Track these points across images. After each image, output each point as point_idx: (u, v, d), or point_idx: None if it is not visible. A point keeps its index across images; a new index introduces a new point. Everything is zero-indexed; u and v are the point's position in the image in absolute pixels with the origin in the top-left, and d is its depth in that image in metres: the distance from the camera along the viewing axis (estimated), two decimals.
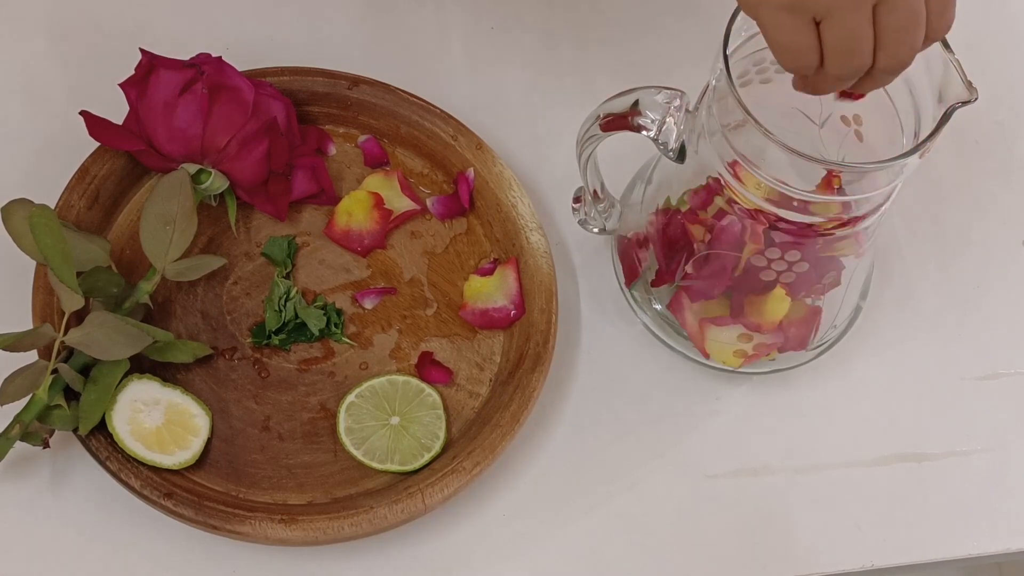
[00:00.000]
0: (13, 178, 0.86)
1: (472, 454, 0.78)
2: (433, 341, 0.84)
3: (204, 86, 0.80)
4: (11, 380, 0.75)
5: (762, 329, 0.80)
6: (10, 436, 0.75)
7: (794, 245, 0.75)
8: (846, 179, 0.74)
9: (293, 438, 0.80)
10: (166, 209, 0.79)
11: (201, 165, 0.82)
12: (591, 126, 0.77)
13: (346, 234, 0.85)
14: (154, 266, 0.79)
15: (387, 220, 0.85)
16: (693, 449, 0.84)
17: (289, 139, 0.84)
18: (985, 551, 0.83)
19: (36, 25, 0.91)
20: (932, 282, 0.90)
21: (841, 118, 0.78)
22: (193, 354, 0.80)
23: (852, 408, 0.86)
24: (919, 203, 0.92)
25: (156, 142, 0.81)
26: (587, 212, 0.86)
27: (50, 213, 0.77)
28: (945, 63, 0.70)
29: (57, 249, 0.75)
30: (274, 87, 0.85)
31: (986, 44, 0.97)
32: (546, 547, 0.80)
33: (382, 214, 0.85)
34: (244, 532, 0.75)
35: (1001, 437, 0.86)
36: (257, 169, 0.82)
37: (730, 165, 0.74)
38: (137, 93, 0.81)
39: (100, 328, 0.75)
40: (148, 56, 0.82)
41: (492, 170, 0.86)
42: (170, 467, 0.77)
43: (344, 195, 0.86)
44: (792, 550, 0.82)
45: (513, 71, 0.94)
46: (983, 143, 0.95)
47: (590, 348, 0.86)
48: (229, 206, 0.84)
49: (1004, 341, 0.89)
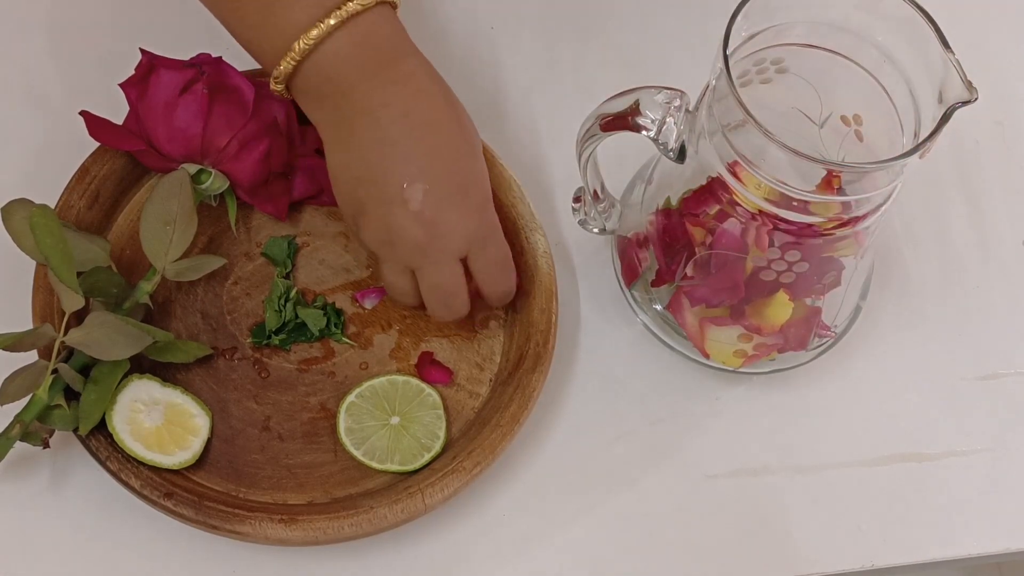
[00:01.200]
0: (13, 178, 0.86)
1: (472, 454, 0.78)
2: (433, 341, 0.84)
3: (204, 86, 0.80)
4: (11, 380, 0.75)
5: (762, 332, 0.80)
6: (10, 436, 0.75)
7: (794, 245, 0.75)
8: (846, 179, 0.74)
9: (293, 438, 0.80)
10: (166, 209, 0.79)
11: (201, 165, 0.82)
12: (591, 126, 0.77)
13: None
14: (154, 266, 0.79)
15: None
16: (693, 449, 0.84)
17: (289, 139, 0.84)
18: (985, 551, 0.83)
19: (36, 25, 0.91)
20: (932, 282, 0.90)
21: (841, 118, 0.78)
22: (193, 354, 0.80)
23: (852, 408, 0.86)
24: (919, 203, 0.92)
25: (156, 142, 0.81)
26: (587, 212, 0.86)
27: (50, 213, 0.77)
28: (945, 63, 0.70)
29: (57, 249, 0.75)
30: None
31: (986, 44, 0.97)
32: (546, 547, 0.80)
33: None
34: (244, 532, 0.75)
35: (1001, 437, 0.86)
36: (257, 169, 0.82)
37: (730, 165, 0.74)
38: (137, 93, 0.81)
39: (100, 328, 0.75)
40: (148, 56, 0.82)
41: (492, 170, 0.86)
42: (170, 467, 0.77)
43: None
44: (792, 550, 0.82)
45: (513, 71, 0.94)
46: (983, 143, 0.95)
47: (590, 348, 0.86)
48: (229, 206, 0.84)
49: (1004, 341, 0.89)
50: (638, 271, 0.84)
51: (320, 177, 0.85)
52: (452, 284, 0.78)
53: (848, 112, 0.78)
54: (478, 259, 0.79)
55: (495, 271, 0.80)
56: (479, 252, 0.78)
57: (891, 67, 0.74)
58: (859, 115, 0.78)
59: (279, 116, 0.83)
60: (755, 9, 0.71)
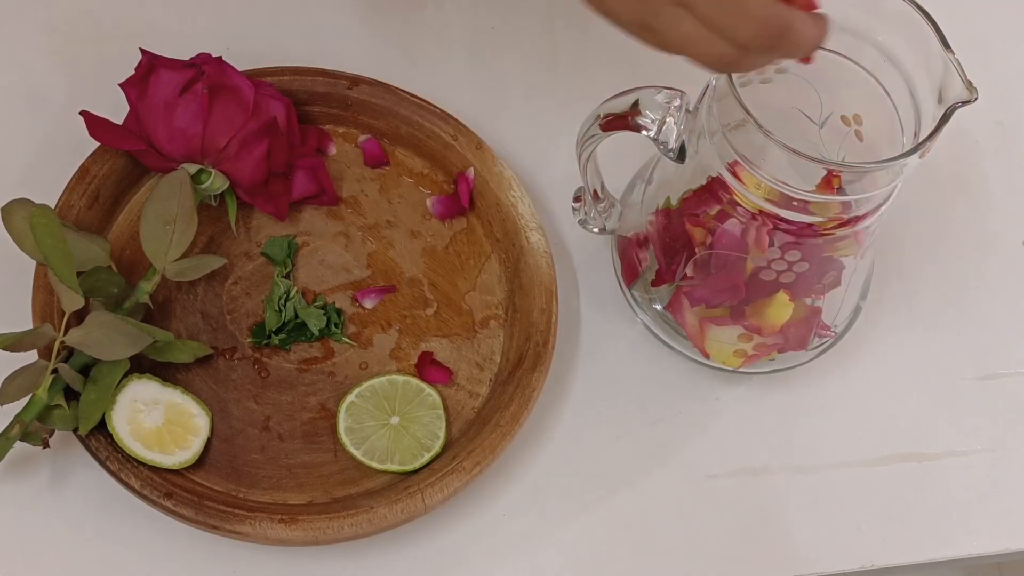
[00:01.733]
0: (13, 178, 0.86)
1: (472, 454, 0.78)
2: (433, 341, 0.84)
3: (204, 86, 0.80)
4: (11, 380, 0.75)
5: (762, 332, 0.80)
6: (10, 436, 0.75)
7: (794, 245, 0.75)
8: (846, 179, 0.74)
9: (293, 438, 0.80)
10: (166, 209, 0.79)
11: (201, 165, 0.82)
12: (591, 126, 0.77)
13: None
14: (154, 266, 0.79)
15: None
16: (693, 449, 0.84)
17: (289, 139, 0.84)
18: (985, 551, 0.83)
19: (36, 25, 0.91)
20: (932, 282, 0.90)
21: (841, 118, 0.78)
22: (193, 354, 0.80)
23: (852, 408, 0.86)
24: (919, 203, 0.92)
25: (156, 142, 0.81)
26: (587, 212, 0.86)
27: (50, 213, 0.77)
28: (945, 63, 0.70)
29: (57, 249, 0.75)
30: (274, 87, 0.85)
31: (986, 44, 0.97)
32: (546, 547, 0.80)
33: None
34: (244, 532, 0.75)
35: (1001, 437, 0.86)
36: (257, 169, 0.82)
37: (730, 165, 0.74)
38: (137, 93, 0.81)
39: (100, 328, 0.75)
40: (148, 56, 0.82)
41: (492, 170, 0.86)
42: (170, 467, 0.77)
43: (344, 195, 0.86)
44: (792, 550, 0.82)
45: (513, 71, 0.94)
46: (983, 143, 0.95)
47: (590, 348, 0.86)
48: (229, 206, 0.84)
49: (1004, 341, 0.89)
50: (638, 271, 0.84)
51: (320, 177, 0.85)
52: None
53: (848, 112, 0.78)
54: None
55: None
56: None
57: (891, 67, 0.74)
58: (859, 115, 0.78)
59: (279, 116, 0.83)
60: None
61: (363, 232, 0.86)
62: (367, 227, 0.87)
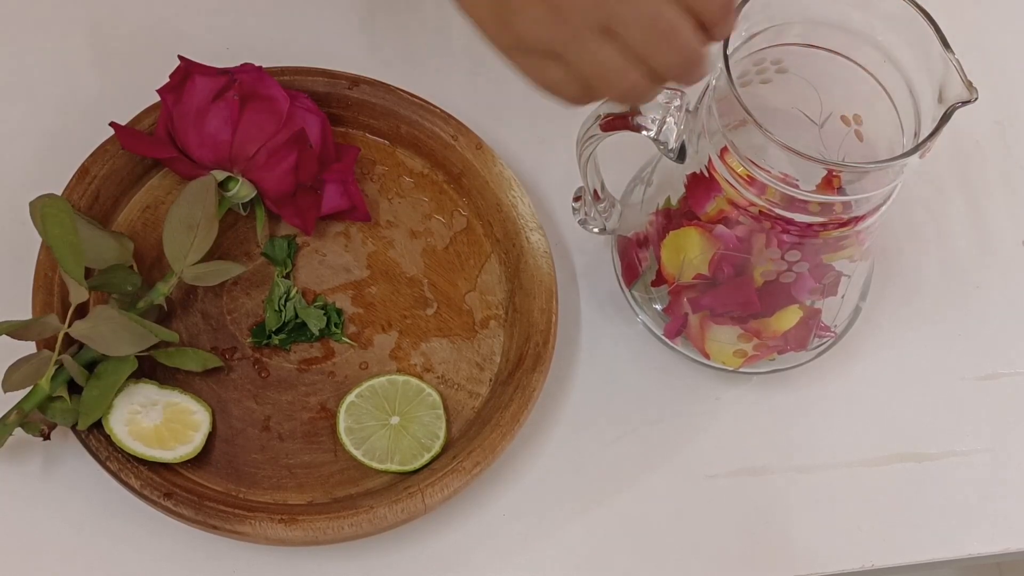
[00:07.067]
0: (13, 178, 0.86)
1: (472, 454, 0.78)
2: (433, 341, 0.84)
3: (235, 93, 0.80)
4: (16, 368, 0.75)
5: (763, 336, 0.80)
6: (8, 423, 0.75)
7: (794, 245, 0.75)
8: (846, 179, 0.74)
9: (293, 438, 0.81)
10: (190, 214, 0.79)
11: (230, 172, 0.82)
12: (591, 126, 0.77)
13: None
14: (172, 268, 0.79)
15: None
16: (693, 449, 0.84)
17: (323, 154, 0.83)
18: (985, 551, 0.83)
19: (36, 25, 0.91)
20: (932, 282, 0.90)
21: (841, 118, 0.78)
22: (203, 364, 0.80)
23: (852, 408, 0.86)
24: (919, 203, 0.92)
25: (188, 148, 0.81)
26: (587, 212, 0.86)
27: (63, 204, 0.76)
28: (945, 63, 0.70)
29: (65, 240, 0.75)
30: (312, 100, 0.84)
31: (986, 44, 0.97)
32: (546, 547, 0.80)
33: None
34: (244, 532, 0.75)
35: (1001, 437, 0.86)
36: (285, 180, 0.82)
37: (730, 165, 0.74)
38: (173, 99, 0.81)
39: (105, 323, 0.75)
40: (185, 62, 0.82)
41: (492, 170, 0.86)
42: (172, 461, 0.76)
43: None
44: (792, 550, 0.82)
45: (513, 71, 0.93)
46: (983, 143, 0.95)
47: (590, 348, 0.86)
48: (258, 216, 0.84)
49: (1004, 341, 0.89)
50: (638, 271, 0.84)
51: (352, 192, 0.84)
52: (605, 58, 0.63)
53: (848, 112, 0.78)
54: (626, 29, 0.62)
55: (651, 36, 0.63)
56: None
57: (891, 67, 0.74)
58: (859, 115, 0.78)
59: (314, 130, 0.82)
60: (755, 9, 0.71)
61: (363, 232, 0.86)
62: (367, 227, 0.87)
